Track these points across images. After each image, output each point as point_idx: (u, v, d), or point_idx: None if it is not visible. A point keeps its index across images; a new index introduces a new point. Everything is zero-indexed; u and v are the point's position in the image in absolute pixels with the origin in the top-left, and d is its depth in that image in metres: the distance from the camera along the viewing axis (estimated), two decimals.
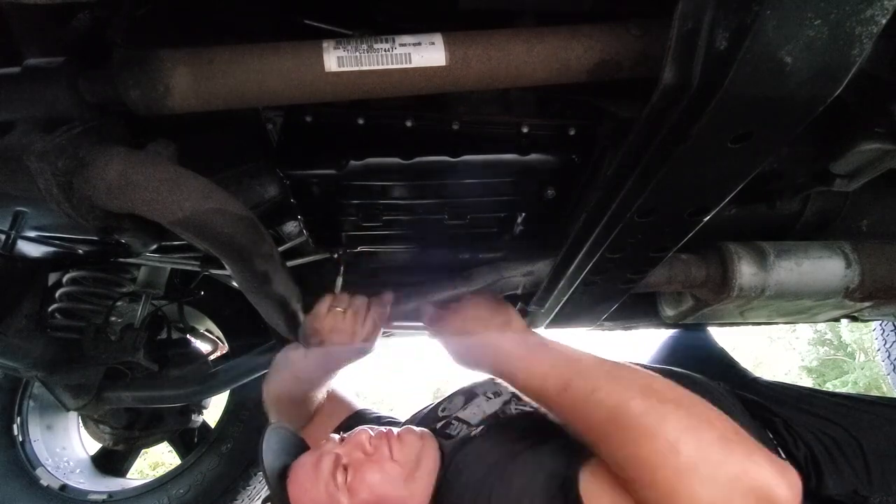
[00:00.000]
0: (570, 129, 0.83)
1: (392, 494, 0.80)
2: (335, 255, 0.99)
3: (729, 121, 0.51)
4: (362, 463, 0.83)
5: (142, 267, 1.45)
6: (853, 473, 0.87)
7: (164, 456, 6.33)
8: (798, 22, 0.42)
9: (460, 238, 1.03)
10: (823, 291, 0.97)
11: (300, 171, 0.82)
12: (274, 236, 1.05)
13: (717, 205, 0.67)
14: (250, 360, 1.50)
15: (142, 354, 1.38)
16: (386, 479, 0.81)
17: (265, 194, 0.90)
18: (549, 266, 1.00)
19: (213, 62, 0.62)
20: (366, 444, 0.86)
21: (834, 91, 0.47)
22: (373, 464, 0.83)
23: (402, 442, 0.88)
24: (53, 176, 0.57)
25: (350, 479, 0.81)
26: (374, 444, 0.87)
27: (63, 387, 1.29)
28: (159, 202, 0.61)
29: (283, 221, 1.07)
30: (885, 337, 2.77)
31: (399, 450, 0.86)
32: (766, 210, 1.06)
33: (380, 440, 0.88)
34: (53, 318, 1.36)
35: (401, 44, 0.63)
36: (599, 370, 0.71)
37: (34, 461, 1.72)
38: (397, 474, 0.82)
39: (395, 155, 0.81)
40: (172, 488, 1.71)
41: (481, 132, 0.83)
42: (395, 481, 0.81)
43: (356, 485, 0.80)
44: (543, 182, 0.87)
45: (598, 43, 0.63)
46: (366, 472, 0.81)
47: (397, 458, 0.84)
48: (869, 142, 0.81)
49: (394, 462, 0.84)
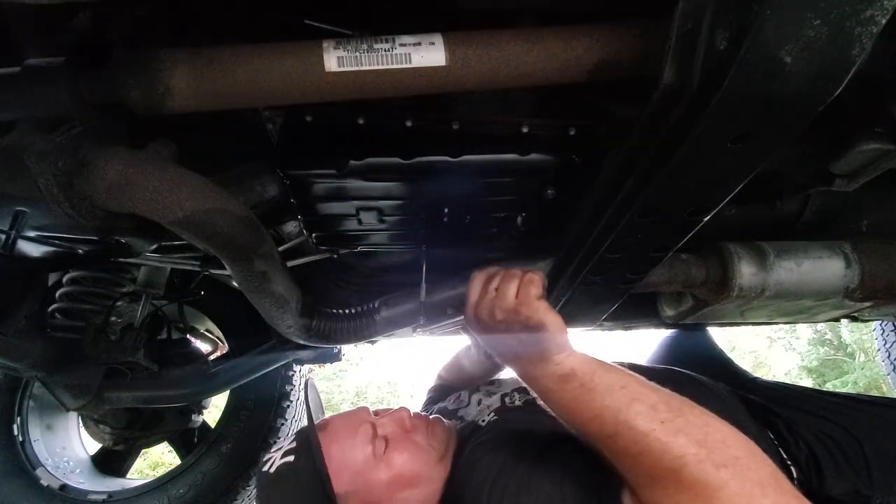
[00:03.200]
0: (570, 129, 0.83)
1: (423, 475, 0.82)
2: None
3: (729, 121, 0.51)
4: (402, 439, 0.85)
5: (142, 267, 1.45)
6: (854, 474, 0.86)
7: (165, 456, 6.33)
8: (798, 22, 0.42)
9: (460, 238, 1.03)
10: (823, 291, 0.97)
11: (300, 171, 0.82)
12: (274, 236, 1.05)
13: (717, 205, 0.67)
14: (250, 360, 1.50)
15: (142, 354, 1.38)
16: (422, 459, 0.83)
17: (265, 194, 0.90)
18: (549, 266, 1.00)
19: (214, 62, 0.62)
20: (406, 422, 0.88)
21: (834, 91, 0.47)
22: (413, 443, 0.85)
23: (436, 428, 0.90)
24: (53, 176, 0.57)
25: (388, 451, 0.82)
26: (413, 423, 0.89)
27: (63, 387, 1.29)
28: (159, 202, 0.62)
29: (283, 221, 1.07)
30: (885, 337, 2.77)
31: (434, 434, 0.88)
32: (766, 210, 1.06)
33: (419, 421, 0.90)
34: (53, 318, 1.36)
35: (401, 44, 0.63)
36: (658, 403, 0.62)
37: (34, 461, 1.72)
38: (431, 457, 0.84)
39: (395, 155, 0.81)
40: (172, 488, 1.71)
41: (481, 132, 0.83)
42: (428, 463, 0.83)
43: (395, 457, 0.82)
44: (543, 182, 0.87)
45: (598, 43, 0.63)
46: (405, 449, 0.83)
47: (432, 442, 0.87)
48: (869, 142, 0.81)
49: (429, 445, 0.86)
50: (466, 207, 0.93)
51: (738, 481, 0.53)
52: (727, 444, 0.57)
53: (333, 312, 1.04)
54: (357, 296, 1.20)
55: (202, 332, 1.89)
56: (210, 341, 1.91)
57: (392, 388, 11.95)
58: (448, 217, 0.95)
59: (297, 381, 1.91)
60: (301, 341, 1.03)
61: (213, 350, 1.92)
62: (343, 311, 1.05)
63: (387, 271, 1.22)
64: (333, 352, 1.61)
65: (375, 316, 1.04)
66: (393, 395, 11.75)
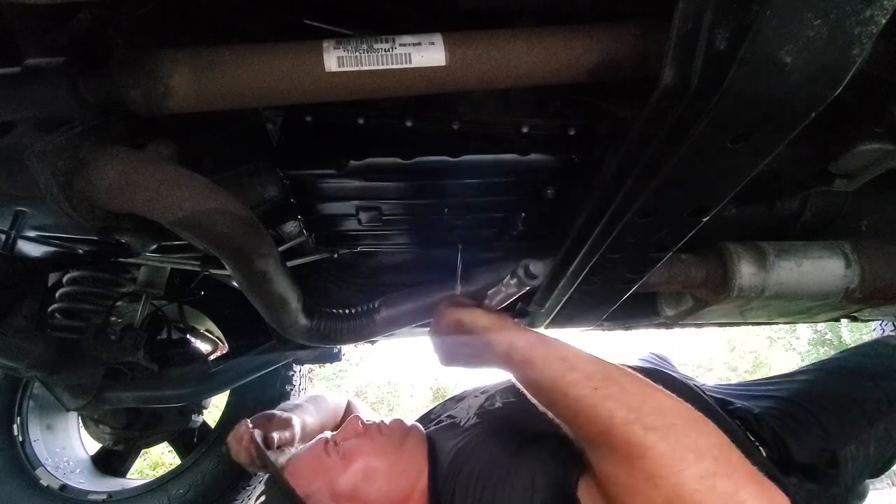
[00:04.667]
0: (570, 129, 0.83)
1: (383, 463, 0.87)
2: None
3: (728, 121, 0.51)
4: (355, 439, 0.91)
5: (142, 267, 1.45)
6: (810, 436, 0.93)
7: (165, 456, 6.33)
8: (798, 22, 0.42)
9: (460, 238, 1.03)
10: (823, 292, 0.97)
11: (300, 171, 0.82)
12: (274, 236, 1.05)
13: (717, 205, 0.67)
14: (250, 360, 1.50)
15: (142, 354, 1.38)
16: (377, 449, 0.88)
17: (265, 194, 0.90)
18: (550, 266, 1.00)
19: (214, 62, 0.62)
20: (358, 426, 0.94)
21: (834, 91, 0.47)
22: (366, 439, 0.91)
23: (389, 423, 0.97)
24: (54, 176, 0.57)
25: (343, 451, 0.88)
26: (365, 426, 0.95)
27: (63, 387, 1.29)
28: (159, 202, 0.62)
29: (283, 221, 1.07)
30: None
31: (386, 429, 0.95)
32: (766, 210, 1.06)
33: (371, 424, 0.96)
34: (53, 318, 1.36)
35: (401, 44, 0.63)
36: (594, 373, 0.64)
37: (34, 461, 1.72)
38: (386, 446, 0.90)
39: (395, 155, 0.81)
40: (172, 488, 1.70)
41: (481, 132, 0.83)
42: (385, 452, 0.88)
43: (350, 453, 0.88)
44: (543, 182, 0.87)
45: (598, 43, 0.63)
46: (359, 445, 0.89)
47: (385, 433, 0.93)
48: (869, 142, 0.81)
49: (382, 435, 0.92)
50: (466, 207, 0.93)
51: (669, 445, 0.52)
52: (663, 410, 0.57)
53: (333, 312, 1.04)
54: (357, 296, 1.20)
55: (202, 332, 1.89)
56: (210, 341, 1.91)
57: (392, 388, 11.95)
58: (448, 217, 0.95)
59: (297, 381, 1.91)
60: (301, 341, 1.03)
61: (213, 350, 1.92)
62: (343, 311, 1.05)
63: (387, 271, 1.22)
64: (333, 352, 1.62)
65: (375, 316, 1.04)
66: (393, 395, 11.75)
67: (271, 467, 0.90)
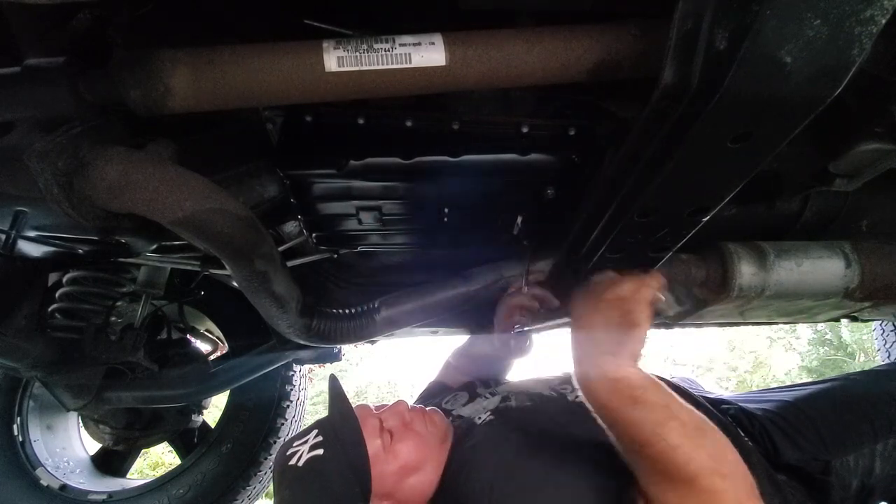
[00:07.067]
0: (570, 129, 0.83)
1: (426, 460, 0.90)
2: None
3: (728, 121, 0.51)
4: (402, 432, 0.92)
5: (142, 267, 1.45)
6: (809, 443, 0.96)
7: (165, 456, 6.33)
8: (798, 22, 0.42)
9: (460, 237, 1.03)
10: (823, 291, 0.97)
11: (300, 170, 0.82)
12: (274, 236, 1.05)
13: (717, 205, 0.67)
14: (250, 360, 1.50)
15: (142, 354, 1.38)
16: (424, 446, 0.91)
17: (265, 194, 0.90)
18: (550, 266, 1.00)
19: (213, 62, 0.62)
20: (405, 414, 0.95)
21: (833, 91, 0.47)
22: (413, 435, 0.92)
23: (434, 416, 0.98)
24: (54, 176, 0.57)
25: (394, 443, 0.89)
26: (411, 415, 0.96)
27: (63, 387, 1.29)
28: (159, 202, 0.61)
29: (283, 221, 1.07)
30: (885, 337, 2.77)
31: (432, 422, 0.96)
32: (766, 210, 1.06)
33: (415, 412, 0.97)
34: (53, 318, 1.36)
35: (401, 44, 0.63)
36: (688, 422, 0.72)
37: (34, 461, 1.72)
38: (431, 443, 0.92)
39: (395, 155, 0.81)
40: (172, 488, 1.71)
41: (481, 132, 0.83)
42: (430, 448, 0.91)
43: (400, 448, 0.89)
44: (543, 182, 0.87)
45: (598, 43, 0.63)
46: (409, 438, 0.91)
47: (430, 429, 0.94)
48: (869, 142, 0.81)
49: (428, 432, 0.93)
50: (466, 207, 0.93)
51: (734, 491, 0.67)
52: (730, 459, 0.70)
53: (333, 312, 1.04)
54: (357, 296, 1.20)
55: (202, 332, 1.89)
56: (210, 341, 1.91)
57: (392, 388, 11.95)
58: (448, 217, 0.95)
59: (297, 381, 1.91)
60: (301, 341, 1.03)
61: (213, 350, 1.92)
62: (343, 311, 1.05)
63: (387, 271, 1.22)
64: (333, 352, 1.61)
65: (375, 316, 1.04)
66: (393, 394, 11.75)
67: None
